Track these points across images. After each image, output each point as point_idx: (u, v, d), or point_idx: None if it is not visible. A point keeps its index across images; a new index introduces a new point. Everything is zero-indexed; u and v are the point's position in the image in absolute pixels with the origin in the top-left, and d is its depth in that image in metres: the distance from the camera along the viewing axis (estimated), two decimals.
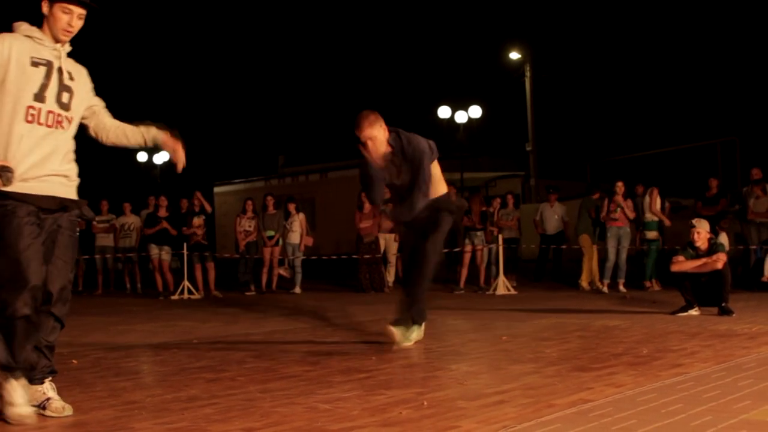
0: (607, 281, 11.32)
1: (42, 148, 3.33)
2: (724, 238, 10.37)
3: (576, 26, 44.75)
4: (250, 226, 12.96)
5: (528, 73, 25.52)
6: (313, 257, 13.97)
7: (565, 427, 2.92)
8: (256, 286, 12.89)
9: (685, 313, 7.38)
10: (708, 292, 7.39)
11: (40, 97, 3.34)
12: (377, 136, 5.17)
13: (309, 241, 13.04)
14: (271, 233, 12.87)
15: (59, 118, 3.40)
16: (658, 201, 11.61)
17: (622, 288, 11.13)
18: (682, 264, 7.44)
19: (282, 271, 13.01)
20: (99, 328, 7.26)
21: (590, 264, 11.93)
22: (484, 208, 12.58)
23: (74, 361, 4.98)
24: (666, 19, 45.80)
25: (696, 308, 7.43)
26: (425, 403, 3.43)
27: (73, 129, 3.51)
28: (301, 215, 13.03)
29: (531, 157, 25.38)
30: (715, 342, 5.36)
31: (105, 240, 13.86)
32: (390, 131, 5.27)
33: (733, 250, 10.76)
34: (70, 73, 3.47)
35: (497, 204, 12.79)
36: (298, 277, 12.77)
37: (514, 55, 25.70)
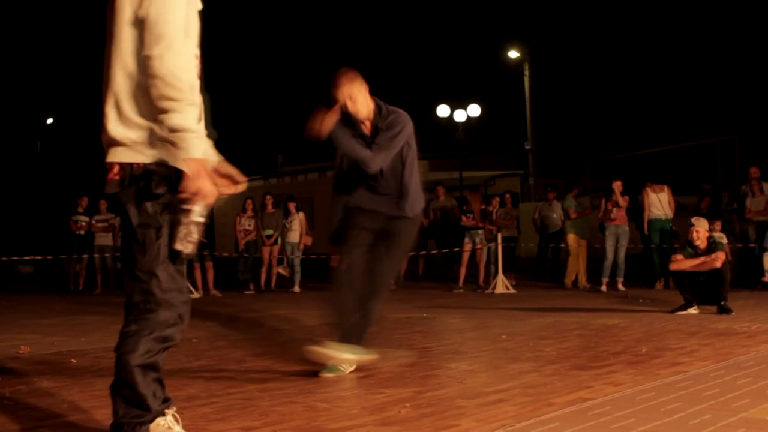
0: (605, 280, 11.31)
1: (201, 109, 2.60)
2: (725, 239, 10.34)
3: (575, 25, 44.80)
4: (249, 225, 12.96)
5: (527, 72, 25.55)
6: (312, 255, 13.95)
7: (564, 425, 2.92)
8: (255, 285, 12.89)
9: (684, 312, 7.39)
10: (707, 291, 7.40)
11: (197, 42, 2.57)
12: (357, 96, 4.34)
13: (308, 240, 13.04)
14: (270, 232, 12.87)
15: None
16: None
17: (620, 287, 11.13)
18: (681, 263, 7.45)
19: (281, 270, 13.01)
20: (99, 328, 7.24)
21: (575, 262, 11.90)
22: (483, 207, 12.58)
23: (73, 360, 4.98)
24: (666, 18, 45.81)
25: (695, 307, 7.44)
26: (424, 401, 3.43)
27: None
28: (301, 214, 13.04)
29: (530, 155, 25.40)
30: (714, 340, 5.36)
31: (104, 239, 13.84)
32: (372, 98, 4.48)
33: (732, 248, 10.75)
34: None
35: (496, 203, 12.79)
36: (297, 276, 12.77)
37: (513, 54, 25.76)
